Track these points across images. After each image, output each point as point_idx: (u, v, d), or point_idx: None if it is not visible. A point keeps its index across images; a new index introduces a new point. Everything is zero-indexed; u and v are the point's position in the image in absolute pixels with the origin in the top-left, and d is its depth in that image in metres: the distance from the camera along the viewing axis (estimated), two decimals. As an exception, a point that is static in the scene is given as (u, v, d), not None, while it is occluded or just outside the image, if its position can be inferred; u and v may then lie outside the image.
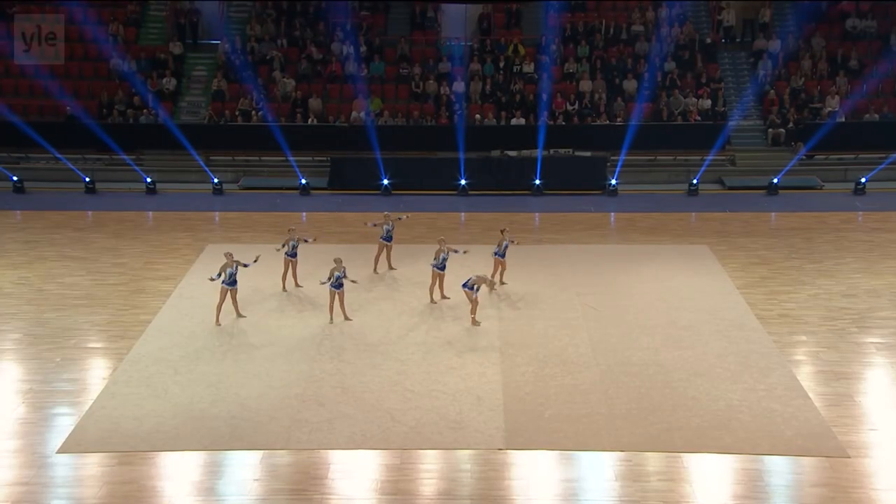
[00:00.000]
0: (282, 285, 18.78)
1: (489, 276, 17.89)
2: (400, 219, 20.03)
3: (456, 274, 18.09)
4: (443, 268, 18.01)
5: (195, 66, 30.78)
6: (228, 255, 17.22)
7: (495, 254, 18.67)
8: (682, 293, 18.70)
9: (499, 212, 24.73)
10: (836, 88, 28.94)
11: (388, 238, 19.57)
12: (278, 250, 18.63)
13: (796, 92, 29.19)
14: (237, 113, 28.62)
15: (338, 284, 17.09)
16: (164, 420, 13.83)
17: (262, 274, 18.84)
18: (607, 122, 28.52)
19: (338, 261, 17.18)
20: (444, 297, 18.20)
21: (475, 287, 16.91)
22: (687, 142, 27.95)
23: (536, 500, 12.10)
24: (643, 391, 14.69)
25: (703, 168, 27.01)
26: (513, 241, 18.87)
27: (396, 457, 12.98)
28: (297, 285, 18.82)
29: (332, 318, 17.27)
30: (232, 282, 17.10)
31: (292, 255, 18.58)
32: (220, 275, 17.05)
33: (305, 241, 18.71)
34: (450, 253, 18.00)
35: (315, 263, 18.83)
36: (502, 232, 18.90)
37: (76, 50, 30.01)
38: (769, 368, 15.46)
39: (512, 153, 27.48)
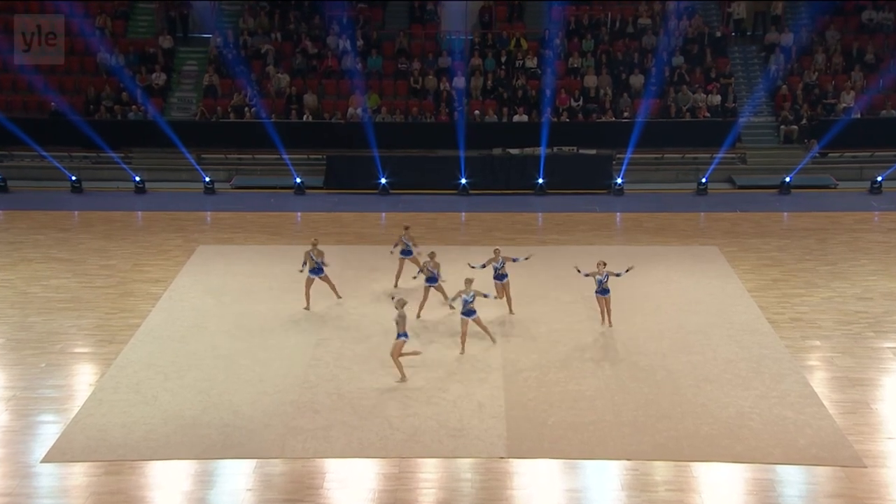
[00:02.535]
0: (394, 282, 18.59)
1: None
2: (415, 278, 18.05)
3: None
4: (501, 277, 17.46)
5: (186, 61, 30.57)
6: (314, 243, 17.41)
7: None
8: (691, 296, 18.53)
9: (500, 212, 24.64)
10: (852, 83, 28.72)
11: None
12: (393, 252, 18.53)
13: (810, 87, 28.96)
14: (229, 109, 28.42)
15: (469, 311, 15.95)
16: (154, 428, 13.68)
17: (255, 276, 18.86)
18: (613, 118, 28.38)
19: (468, 282, 16.14)
20: (511, 311, 17.56)
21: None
22: (696, 139, 27.78)
23: (540, 511, 11.98)
24: (651, 398, 14.53)
25: (712, 166, 26.80)
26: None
27: (394, 465, 12.84)
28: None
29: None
30: (318, 270, 17.38)
31: (407, 253, 18.37)
32: (305, 263, 17.38)
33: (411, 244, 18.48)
34: (505, 262, 17.39)
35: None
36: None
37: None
38: (781, 374, 15.27)
39: (514, 151, 27.33)
